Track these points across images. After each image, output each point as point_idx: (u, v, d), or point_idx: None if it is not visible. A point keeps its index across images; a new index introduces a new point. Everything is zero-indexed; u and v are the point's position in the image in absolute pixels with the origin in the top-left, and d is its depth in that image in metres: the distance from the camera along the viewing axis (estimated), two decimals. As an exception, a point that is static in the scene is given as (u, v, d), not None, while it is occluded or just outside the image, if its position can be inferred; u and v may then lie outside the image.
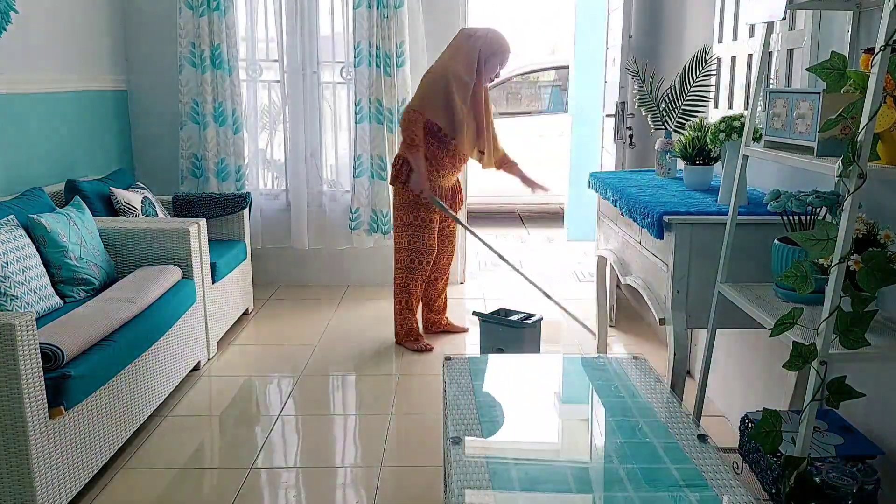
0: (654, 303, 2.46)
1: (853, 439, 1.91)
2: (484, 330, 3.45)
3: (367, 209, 4.60)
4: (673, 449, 1.76)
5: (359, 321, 4.21)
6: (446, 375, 2.22)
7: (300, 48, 4.51)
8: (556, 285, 4.93)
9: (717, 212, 2.29)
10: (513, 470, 1.71)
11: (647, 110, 3.22)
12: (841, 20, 2.14)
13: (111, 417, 2.55)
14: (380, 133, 4.48)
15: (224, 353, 3.70)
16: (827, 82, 1.80)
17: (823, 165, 1.66)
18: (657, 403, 2.05)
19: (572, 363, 2.49)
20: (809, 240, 1.63)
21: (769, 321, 1.81)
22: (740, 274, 2.22)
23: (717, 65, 3.09)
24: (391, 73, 4.40)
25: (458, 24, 4.55)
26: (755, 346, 2.74)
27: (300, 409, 3.11)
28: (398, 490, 2.49)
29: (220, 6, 4.31)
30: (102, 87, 4.29)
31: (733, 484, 1.60)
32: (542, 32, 12.08)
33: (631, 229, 2.74)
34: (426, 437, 2.84)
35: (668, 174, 3.04)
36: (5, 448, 2.10)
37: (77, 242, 3.01)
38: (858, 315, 1.60)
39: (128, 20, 4.52)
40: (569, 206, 6.27)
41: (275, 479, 2.58)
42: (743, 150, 2.12)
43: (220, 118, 4.44)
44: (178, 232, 3.30)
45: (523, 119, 7.47)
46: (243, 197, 4.08)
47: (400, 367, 3.55)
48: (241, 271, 4.06)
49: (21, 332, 2.06)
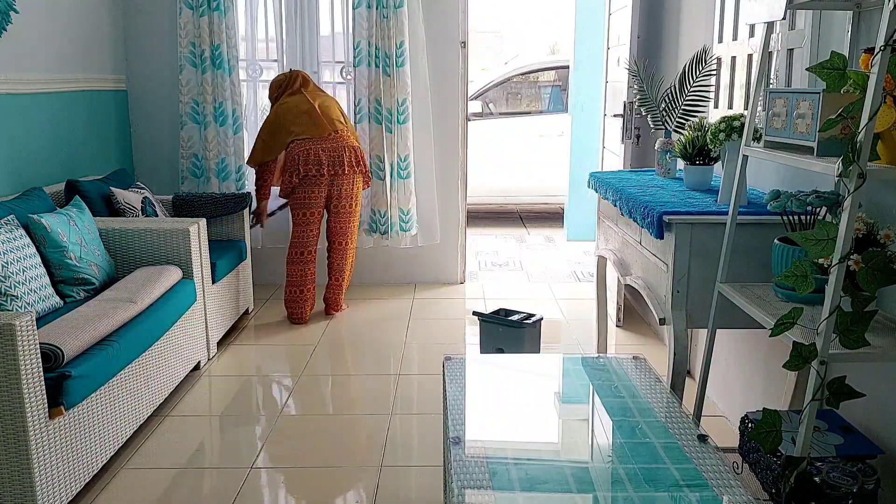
0: (654, 303, 2.46)
1: (853, 439, 1.91)
2: (484, 330, 3.45)
3: (367, 209, 4.60)
4: (673, 449, 1.76)
5: (359, 321, 4.21)
6: (446, 375, 2.22)
7: (300, 48, 4.52)
8: (556, 285, 4.94)
9: (717, 212, 2.29)
10: (513, 470, 1.71)
11: (648, 110, 3.22)
12: (841, 20, 2.14)
13: (111, 417, 2.55)
14: (379, 133, 4.48)
15: (224, 353, 3.70)
16: (827, 82, 1.80)
17: (823, 165, 1.66)
18: (657, 403, 2.05)
19: (572, 363, 2.49)
20: (809, 240, 1.63)
21: (769, 321, 1.81)
22: (740, 274, 2.22)
23: (717, 65, 3.09)
24: (391, 72, 4.40)
25: (457, 24, 4.56)
26: (755, 346, 2.74)
27: (300, 409, 3.11)
28: (398, 490, 2.49)
29: (220, 6, 4.31)
30: (102, 87, 4.29)
31: (733, 484, 1.60)
32: (542, 32, 12.09)
33: (631, 229, 2.74)
34: (426, 437, 2.84)
35: (668, 174, 3.04)
36: (5, 448, 2.10)
37: (77, 242, 3.01)
38: (858, 315, 1.60)
39: (128, 20, 4.52)
40: (569, 206, 6.27)
41: (275, 479, 2.58)
42: (743, 150, 2.12)
43: (220, 118, 4.44)
44: (178, 232, 3.30)
45: (523, 119, 7.47)
46: (243, 197, 4.08)
47: (400, 367, 3.55)
48: (241, 271, 4.06)
49: (21, 332, 2.06)
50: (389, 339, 3.90)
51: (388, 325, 4.10)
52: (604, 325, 3.51)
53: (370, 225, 4.62)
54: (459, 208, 4.82)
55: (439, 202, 4.75)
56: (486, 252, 5.98)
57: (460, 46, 4.61)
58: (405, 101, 4.45)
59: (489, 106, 7.51)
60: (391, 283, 4.89)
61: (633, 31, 3.87)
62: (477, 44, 10.77)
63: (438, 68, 4.60)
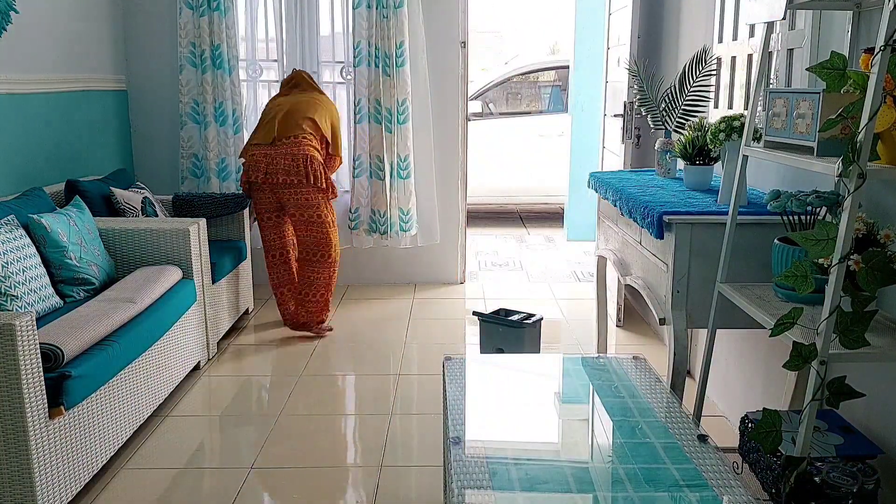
0: (654, 303, 2.46)
1: (853, 439, 1.91)
2: (484, 330, 3.45)
3: (367, 209, 4.60)
4: (673, 449, 1.76)
5: (359, 321, 4.21)
6: (446, 375, 2.22)
7: (300, 48, 4.52)
8: (556, 285, 4.94)
9: (717, 212, 2.29)
10: (513, 470, 1.71)
11: (648, 110, 3.22)
12: (841, 20, 2.14)
13: (111, 417, 2.55)
14: (379, 133, 4.48)
15: (224, 353, 3.70)
16: (827, 82, 1.80)
17: (823, 165, 1.66)
18: (657, 403, 2.05)
19: (572, 363, 2.49)
20: (809, 240, 1.63)
21: (769, 321, 1.81)
22: (740, 274, 2.22)
23: (717, 65, 3.09)
24: (391, 73, 4.40)
25: (457, 24, 4.56)
26: (755, 346, 2.74)
27: (300, 409, 3.11)
28: (398, 490, 2.49)
29: (220, 6, 4.31)
30: (102, 87, 4.29)
31: (733, 484, 1.60)
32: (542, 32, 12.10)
33: (631, 229, 2.74)
34: (426, 437, 2.84)
35: (668, 174, 3.04)
36: (5, 448, 2.10)
37: (77, 242, 3.01)
38: (858, 315, 1.60)
39: (128, 20, 4.52)
40: (569, 206, 6.27)
41: (275, 479, 2.58)
42: (743, 150, 2.12)
43: (220, 118, 4.44)
44: (178, 232, 3.30)
45: (523, 119, 7.47)
46: (243, 197, 4.08)
47: (400, 367, 3.55)
48: (241, 271, 4.06)
49: (21, 332, 2.06)
50: (389, 339, 3.90)
51: (388, 325, 4.10)
52: (604, 325, 3.51)
53: (370, 225, 4.62)
54: (459, 208, 4.82)
55: (439, 202, 4.75)
56: (486, 252, 5.98)
57: (460, 46, 4.61)
58: (405, 101, 4.45)
59: (489, 106, 7.51)
60: (391, 283, 4.89)
61: (633, 31, 3.87)
62: (477, 44, 10.77)
63: (438, 68, 4.60)
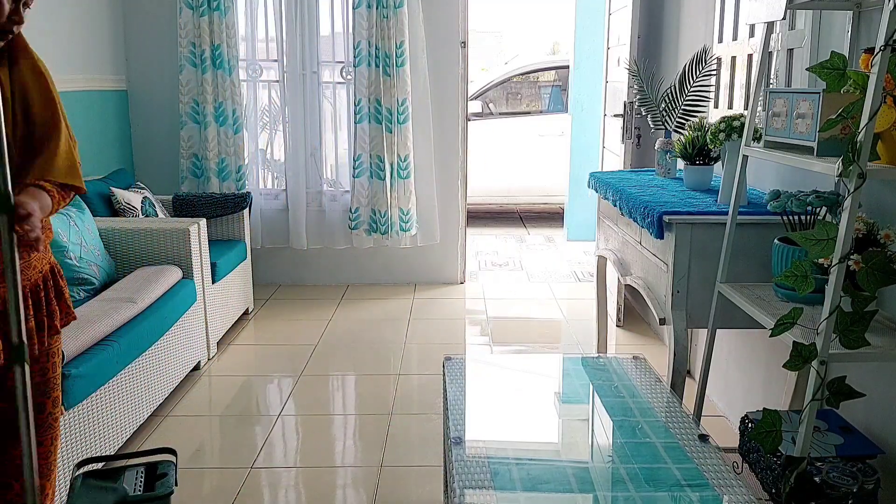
0: (654, 303, 2.46)
1: (853, 439, 1.91)
2: None
3: (367, 209, 4.60)
4: (673, 449, 1.76)
5: (359, 321, 4.21)
6: (446, 375, 2.22)
7: (300, 48, 4.51)
8: (556, 285, 4.94)
9: (717, 212, 2.29)
10: (514, 470, 1.71)
11: (648, 110, 3.22)
12: (841, 20, 2.14)
13: (111, 417, 2.55)
14: (379, 133, 4.48)
15: (224, 353, 3.70)
16: (827, 82, 1.80)
17: (823, 165, 1.66)
18: (657, 403, 2.05)
19: (572, 363, 2.49)
20: (809, 240, 1.63)
21: (769, 321, 1.81)
22: (740, 274, 2.22)
23: (717, 65, 3.09)
24: (391, 72, 4.40)
25: (457, 24, 4.56)
26: (755, 346, 2.74)
27: (300, 409, 3.11)
28: (398, 490, 2.49)
29: (220, 6, 4.31)
30: (102, 87, 4.28)
31: (734, 484, 1.60)
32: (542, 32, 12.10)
33: (631, 229, 2.74)
34: (426, 437, 2.84)
35: (668, 174, 3.04)
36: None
37: (77, 242, 3.01)
38: (858, 315, 1.60)
39: (128, 20, 4.52)
40: (569, 206, 6.27)
41: (275, 479, 2.58)
42: (743, 150, 2.12)
43: (220, 118, 4.44)
44: (178, 232, 3.30)
45: (523, 119, 7.47)
46: (243, 197, 4.08)
47: (400, 367, 3.55)
48: (241, 271, 4.06)
49: (21, 332, 2.05)
50: (389, 339, 3.89)
51: (388, 325, 4.10)
52: (604, 325, 3.51)
53: (370, 225, 4.62)
54: (459, 208, 4.82)
55: (439, 202, 4.75)
56: (486, 252, 5.98)
57: (460, 46, 4.61)
58: (405, 101, 4.45)
59: (489, 106, 7.51)
60: (391, 283, 4.89)
61: (633, 31, 3.88)
62: (477, 44, 10.77)
63: (438, 68, 4.60)
